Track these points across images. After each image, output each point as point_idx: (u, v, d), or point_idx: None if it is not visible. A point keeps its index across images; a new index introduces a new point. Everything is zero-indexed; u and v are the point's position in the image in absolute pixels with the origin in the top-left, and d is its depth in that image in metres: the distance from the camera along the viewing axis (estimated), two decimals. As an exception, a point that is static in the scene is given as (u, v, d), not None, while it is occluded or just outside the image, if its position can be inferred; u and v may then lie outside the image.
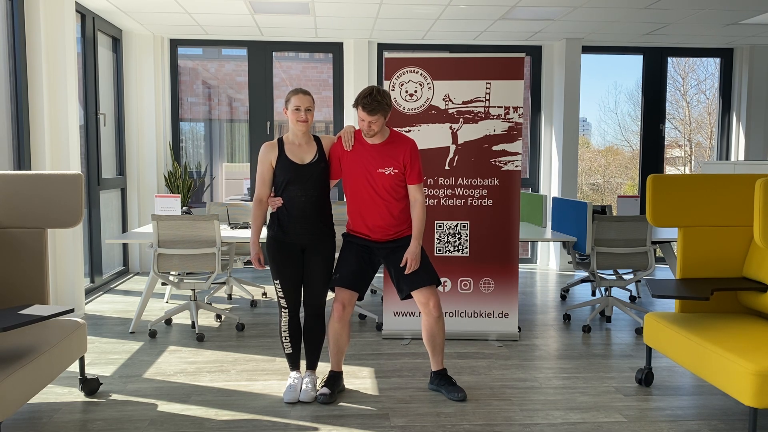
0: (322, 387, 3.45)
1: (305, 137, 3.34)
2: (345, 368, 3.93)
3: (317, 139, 3.39)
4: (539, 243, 7.84)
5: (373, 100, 3.16)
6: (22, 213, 3.41)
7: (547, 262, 7.87)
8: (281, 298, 3.40)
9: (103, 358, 4.14)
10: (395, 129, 3.52)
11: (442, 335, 3.49)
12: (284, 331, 3.44)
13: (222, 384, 3.67)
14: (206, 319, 5.14)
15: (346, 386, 3.63)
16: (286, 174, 3.28)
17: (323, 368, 3.88)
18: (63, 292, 5.14)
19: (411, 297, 3.43)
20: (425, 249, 4.50)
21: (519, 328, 4.71)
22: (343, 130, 3.39)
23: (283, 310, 3.43)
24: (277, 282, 3.38)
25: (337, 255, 3.49)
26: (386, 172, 3.31)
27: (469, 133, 4.46)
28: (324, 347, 4.13)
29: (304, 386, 3.43)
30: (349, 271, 3.39)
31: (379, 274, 6.87)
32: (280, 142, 3.34)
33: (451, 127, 4.47)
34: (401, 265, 3.35)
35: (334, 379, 3.49)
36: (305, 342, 3.50)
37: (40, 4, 4.81)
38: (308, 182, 3.29)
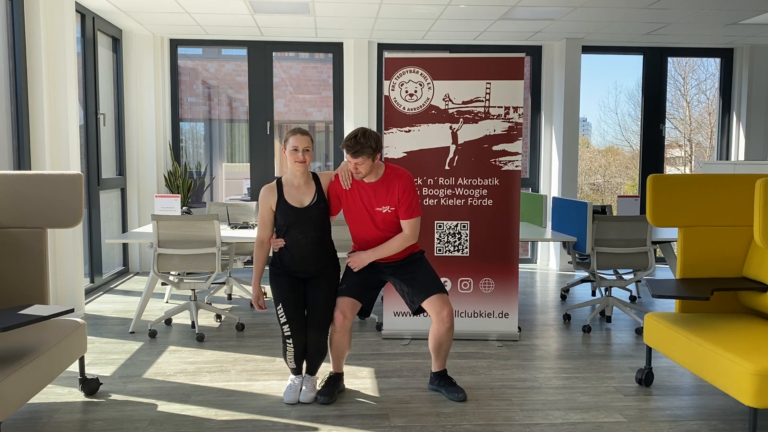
0: (321, 387, 3.45)
1: (303, 177, 3.32)
2: (345, 368, 3.93)
3: (315, 178, 3.37)
4: (539, 243, 7.84)
5: (357, 142, 3.13)
6: (22, 213, 3.41)
7: (547, 262, 7.87)
8: (284, 324, 3.30)
9: (103, 358, 4.14)
10: (392, 164, 3.46)
11: (449, 343, 3.48)
12: (289, 359, 3.37)
13: (222, 384, 3.67)
14: (206, 319, 5.14)
15: (346, 386, 3.63)
16: (286, 218, 3.28)
17: (323, 368, 3.88)
18: (63, 292, 5.14)
19: (422, 311, 3.43)
20: (426, 252, 4.50)
21: (519, 328, 4.71)
22: (340, 168, 3.37)
23: (287, 341, 3.32)
24: (280, 307, 3.31)
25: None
26: (383, 211, 3.31)
27: (469, 133, 4.46)
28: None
29: (304, 387, 3.43)
30: (353, 282, 3.40)
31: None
32: (279, 184, 3.34)
33: (451, 127, 4.47)
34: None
35: (335, 380, 3.49)
36: (307, 358, 3.43)
37: (40, 4, 4.81)
38: (308, 224, 3.29)
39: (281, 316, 3.31)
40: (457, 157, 4.49)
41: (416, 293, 3.37)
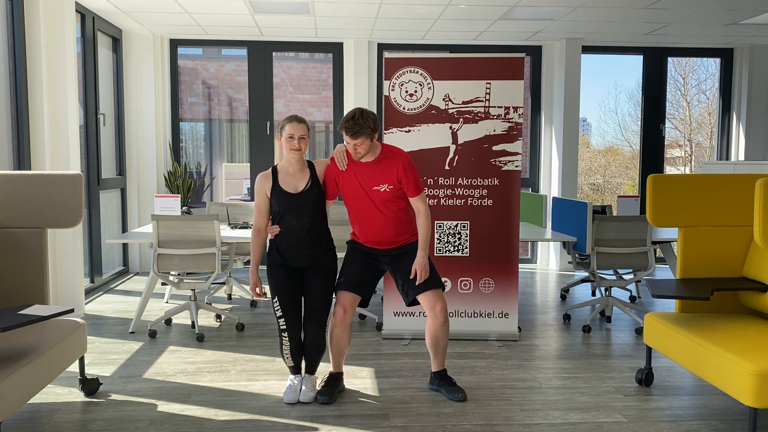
0: (321, 387, 3.45)
1: (299, 164, 3.33)
2: (345, 368, 3.93)
3: (310, 165, 3.38)
4: (539, 243, 7.84)
5: (355, 123, 3.14)
6: (22, 213, 3.41)
7: (547, 262, 7.87)
8: (280, 317, 3.32)
9: (103, 358, 4.14)
10: (387, 143, 3.47)
11: (445, 339, 3.48)
12: (286, 355, 3.39)
13: (222, 384, 3.67)
14: (206, 319, 5.14)
15: (346, 386, 3.63)
16: (281, 204, 3.29)
17: (323, 368, 3.88)
18: (63, 292, 5.14)
19: (416, 303, 3.42)
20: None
21: (519, 328, 4.71)
22: (335, 151, 3.37)
23: (283, 335, 3.34)
24: (276, 300, 3.32)
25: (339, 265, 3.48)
26: (381, 189, 3.30)
27: (469, 133, 4.46)
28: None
29: (303, 387, 3.43)
30: (352, 274, 3.39)
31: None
32: (274, 171, 3.35)
33: (451, 127, 4.47)
34: (411, 278, 3.33)
35: (334, 379, 3.49)
36: (306, 354, 3.44)
37: (40, 4, 4.81)
38: (302, 210, 3.29)
39: (277, 310, 3.33)
40: (457, 157, 4.49)
41: (411, 287, 3.36)
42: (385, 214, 3.34)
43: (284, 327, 3.32)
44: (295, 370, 3.48)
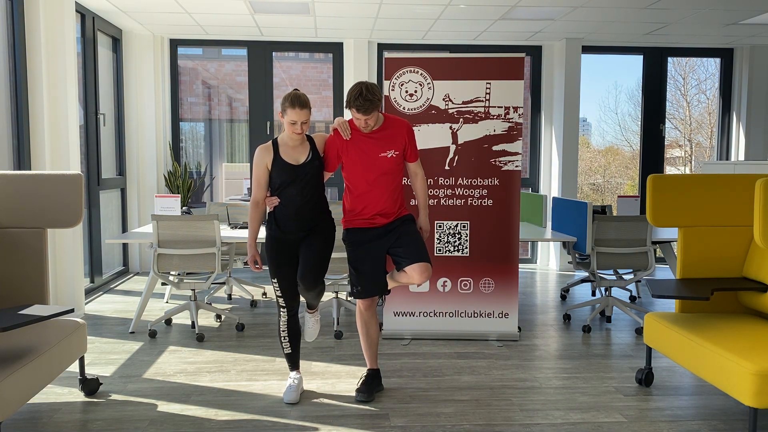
0: (360, 386, 3.45)
1: (299, 138, 3.36)
2: (345, 368, 3.93)
3: (309, 139, 3.41)
4: (539, 243, 7.84)
5: (366, 100, 3.16)
6: (22, 213, 3.41)
7: (547, 262, 7.87)
8: (279, 297, 3.42)
9: (103, 358, 4.14)
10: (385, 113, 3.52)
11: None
12: (283, 331, 3.46)
13: (222, 384, 3.67)
14: (206, 319, 5.14)
15: (348, 386, 3.63)
16: (283, 176, 3.30)
17: (324, 368, 3.88)
18: (63, 292, 5.14)
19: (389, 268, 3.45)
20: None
21: (519, 328, 4.71)
22: (337, 123, 3.38)
23: (281, 309, 3.45)
24: (275, 281, 3.39)
25: (335, 249, 3.49)
26: (388, 155, 3.34)
27: (469, 133, 4.46)
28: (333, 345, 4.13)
29: (306, 323, 3.52)
30: (367, 281, 3.40)
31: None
32: (275, 144, 3.36)
33: (451, 127, 4.47)
34: (406, 246, 3.41)
35: (372, 377, 3.50)
36: (305, 298, 3.50)
37: (40, 4, 4.81)
38: (303, 181, 3.32)
39: (276, 290, 3.41)
40: (457, 157, 4.49)
41: (405, 254, 3.32)
42: (389, 180, 3.36)
43: (283, 304, 3.43)
44: (293, 360, 3.52)
